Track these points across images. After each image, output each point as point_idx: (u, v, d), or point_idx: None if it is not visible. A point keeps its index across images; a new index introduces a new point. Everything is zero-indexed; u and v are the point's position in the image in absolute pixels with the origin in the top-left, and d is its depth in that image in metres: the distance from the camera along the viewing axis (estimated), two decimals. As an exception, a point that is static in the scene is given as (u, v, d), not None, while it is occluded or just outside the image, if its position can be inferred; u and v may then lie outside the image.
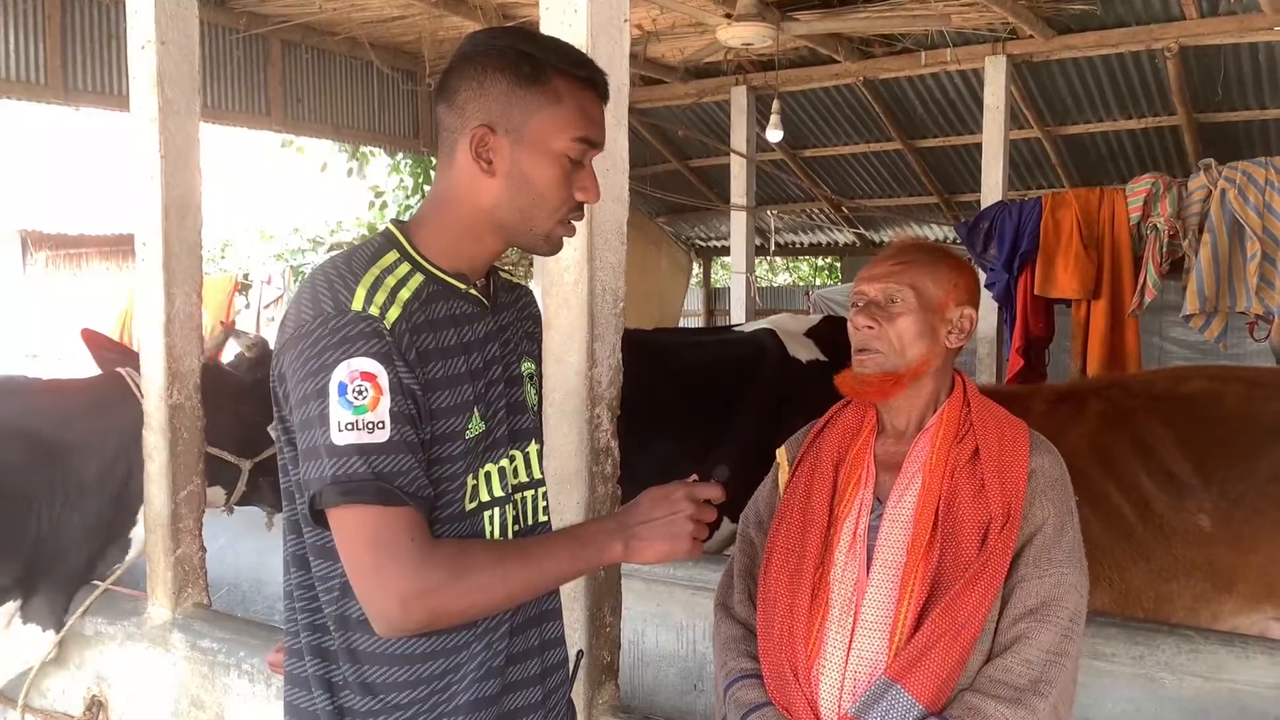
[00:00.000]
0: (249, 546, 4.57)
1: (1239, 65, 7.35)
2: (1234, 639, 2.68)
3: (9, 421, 3.08)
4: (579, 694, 2.26)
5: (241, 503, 3.46)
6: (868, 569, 1.74)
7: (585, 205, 1.53)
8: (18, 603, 3.09)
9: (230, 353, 4.03)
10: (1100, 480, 3.03)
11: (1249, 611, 2.96)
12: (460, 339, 1.47)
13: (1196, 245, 5.51)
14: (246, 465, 3.35)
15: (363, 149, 10.17)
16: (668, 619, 3.49)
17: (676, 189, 10.56)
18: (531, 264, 2.10)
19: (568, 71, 1.45)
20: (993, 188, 7.34)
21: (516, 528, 1.55)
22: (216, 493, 3.35)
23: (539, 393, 1.68)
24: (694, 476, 1.51)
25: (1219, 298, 5.46)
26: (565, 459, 2.25)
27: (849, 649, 1.71)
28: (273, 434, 1.52)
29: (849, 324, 1.86)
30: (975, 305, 1.86)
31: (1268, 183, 5.35)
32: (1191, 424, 3.09)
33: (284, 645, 1.60)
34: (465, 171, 1.47)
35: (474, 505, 1.47)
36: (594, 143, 1.48)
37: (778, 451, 2.00)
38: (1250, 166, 5.39)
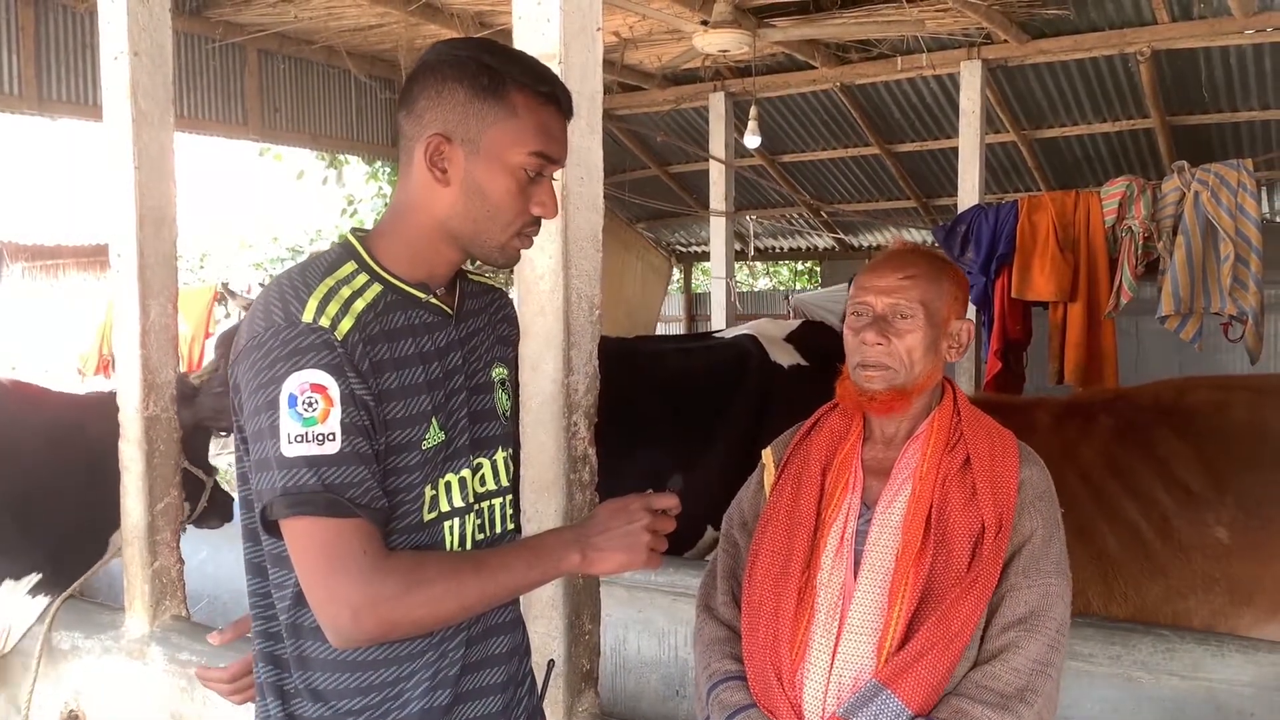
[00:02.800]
0: (230, 558, 4.52)
1: (1211, 68, 7.41)
2: (1209, 638, 2.70)
3: (47, 422, 3.35)
4: (558, 702, 2.26)
5: (198, 522, 3.50)
6: (855, 574, 1.75)
7: (545, 219, 1.52)
8: (40, 575, 3.29)
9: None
10: (1117, 495, 3.02)
11: (1266, 623, 2.93)
12: (419, 349, 1.46)
13: (1171, 247, 5.56)
14: (210, 481, 3.43)
15: (339, 157, 10.14)
16: (649, 625, 3.49)
17: (656, 194, 10.57)
18: (512, 271, 2.11)
19: (528, 86, 1.45)
20: (969, 191, 7.39)
21: (481, 536, 1.55)
22: None
23: (512, 398, 1.68)
24: (650, 491, 1.51)
25: (1194, 299, 5.51)
26: (543, 467, 2.25)
27: (834, 653, 1.72)
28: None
29: (849, 334, 1.84)
30: (967, 314, 1.87)
31: (1240, 185, 5.40)
32: (1203, 435, 3.07)
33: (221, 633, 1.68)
34: (421, 180, 1.46)
35: (433, 516, 1.47)
36: (551, 158, 1.47)
37: (764, 453, 2.00)
38: (1223, 169, 5.44)
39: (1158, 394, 3.42)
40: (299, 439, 1.32)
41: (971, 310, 6.54)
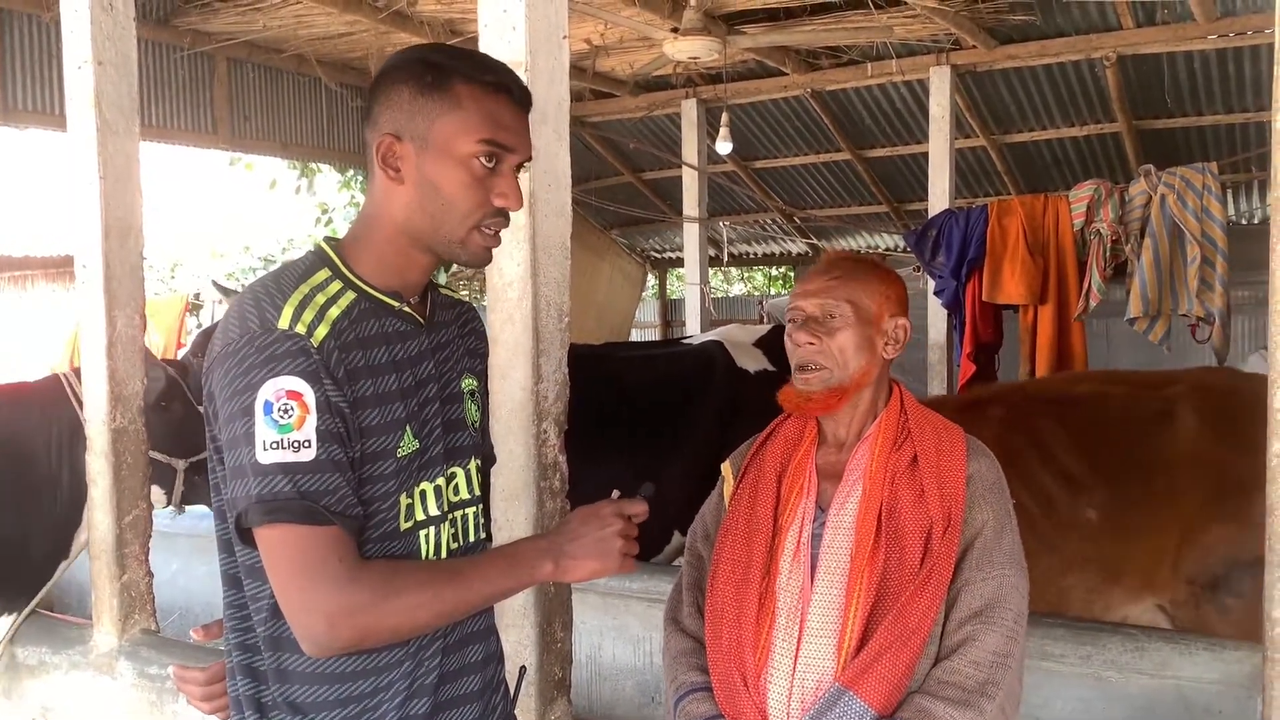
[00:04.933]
0: (201, 570, 4.50)
1: (1175, 73, 7.51)
2: (1177, 636, 2.74)
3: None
4: (530, 710, 2.26)
5: (186, 501, 3.43)
6: (812, 576, 1.77)
7: (514, 214, 1.52)
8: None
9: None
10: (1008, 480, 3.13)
11: (1133, 602, 3.08)
12: (391, 357, 1.46)
13: (1138, 250, 5.61)
14: (181, 465, 3.34)
15: (311, 165, 10.08)
16: (625, 632, 3.49)
17: (630, 201, 10.59)
18: (484, 281, 2.15)
19: (473, 77, 1.45)
20: (940, 196, 7.44)
21: (455, 545, 1.55)
22: (156, 494, 3.33)
23: (482, 409, 1.68)
24: (616, 493, 1.51)
25: (1161, 301, 5.56)
26: (513, 475, 2.25)
27: (796, 656, 1.73)
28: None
29: (787, 341, 1.88)
30: (906, 315, 1.90)
31: (1205, 187, 5.46)
32: (1082, 424, 3.25)
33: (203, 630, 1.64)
34: (380, 183, 1.48)
35: (409, 524, 1.47)
36: (504, 145, 1.46)
37: (723, 466, 2.03)
38: (1188, 172, 5.50)
39: (1048, 386, 3.73)
40: (274, 446, 1.31)
41: (944, 314, 6.59)
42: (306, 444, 1.32)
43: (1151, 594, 3.10)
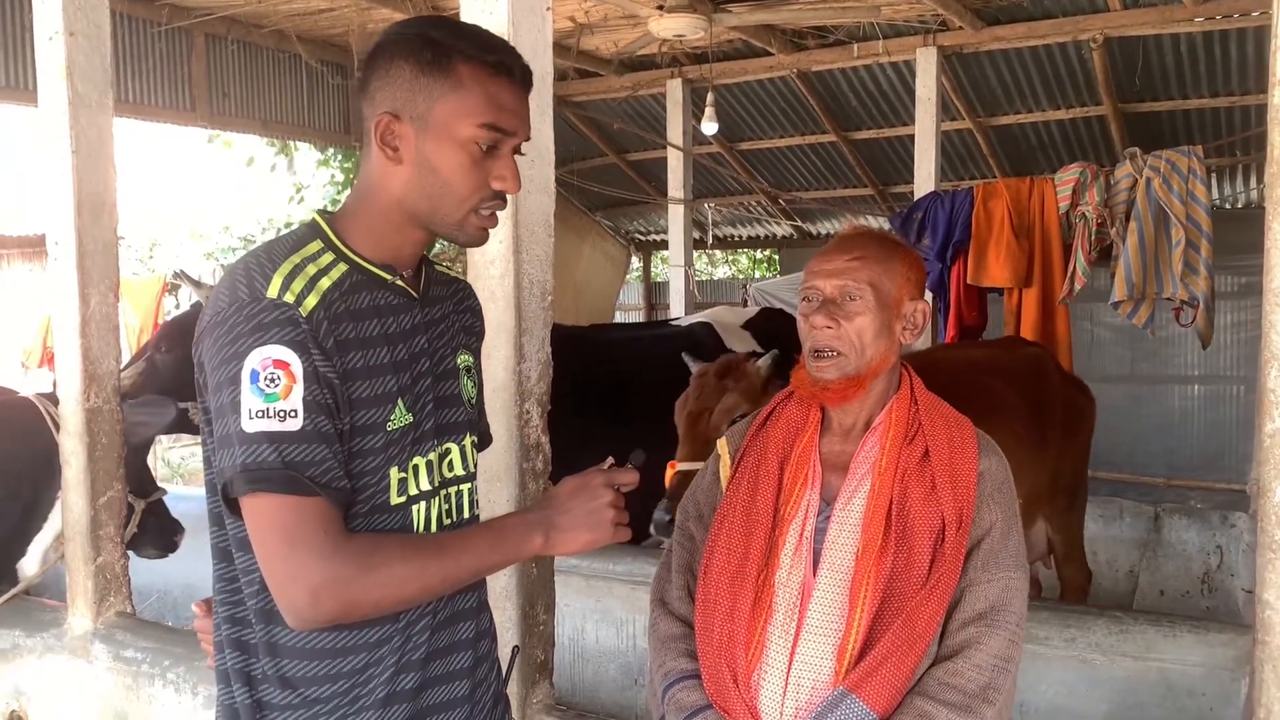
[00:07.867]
0: (181, 551, 4.46)
1: (1161, 56, 7.49)
2: (1162, 619, 2.74)
3: None
4: (513, 693, 2.23)
5: (130, 546, 3.32)
6: (814, 572, 1.71)
7: (507, 196, 1.50)
8: None
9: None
10: (979, 419, 3.32)
11: (1038, 518, 3.74)
12: (384, 330, 1.45)
13: (1123, 233, 5.60)
14: (140, 505, 3.24)
15: (290, 143, 9.96)
16: (608, 615, 3.48)
17: (614, 182, 10.52)
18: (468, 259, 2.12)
19: (475, 57, 1.42)
20: (925, 178, 7.41)
21: (448, 521, 1.53)
22: None
23: (478, 386, 1.66)
24: (610, 461, 1.49)
25: (1146, 284, 5.56)
26: (495, 455, 2.21)
27: (792, 654, 1.68)
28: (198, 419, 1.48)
29: (800, 320, 1.80)
30: (924, 297, 1.83)
31: (1190, 171, 5.45)
32: (1003, 379, 3.69)
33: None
34: (377, 160, 1.45)
35: (401, 499, 1.45)
36: (505, 130, 1.44)
37: (718, 443, 1.96)
38: (1174, 155, 5.49)
39: (943, 354, 4.33)
40: (260, 415, 1.30)
41: (928, 296, 6.59)
42: (293, 413, 1.31)
43: (1047, 506, 3.76)
